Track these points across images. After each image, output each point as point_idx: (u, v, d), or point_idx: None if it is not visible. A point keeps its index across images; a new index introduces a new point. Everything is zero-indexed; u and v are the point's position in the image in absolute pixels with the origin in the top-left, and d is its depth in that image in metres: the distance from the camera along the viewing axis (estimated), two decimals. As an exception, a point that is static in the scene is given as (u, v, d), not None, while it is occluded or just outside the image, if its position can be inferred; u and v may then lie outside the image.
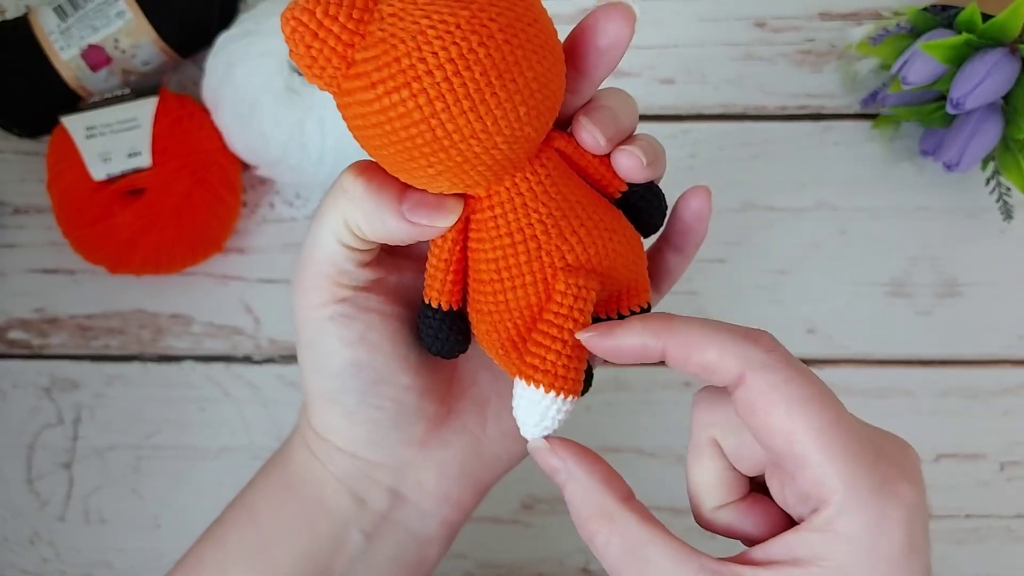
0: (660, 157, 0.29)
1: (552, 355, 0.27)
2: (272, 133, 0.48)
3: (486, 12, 0.24)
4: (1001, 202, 0.50)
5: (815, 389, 0.25)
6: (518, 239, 0.27)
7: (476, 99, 0.24)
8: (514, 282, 0.27)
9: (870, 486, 0.24)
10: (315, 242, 0.29)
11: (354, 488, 0.32)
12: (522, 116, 0.25)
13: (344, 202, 0.28)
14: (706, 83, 0.54)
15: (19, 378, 0.52)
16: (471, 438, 0.33)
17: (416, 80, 0.24)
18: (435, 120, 0.24)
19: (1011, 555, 0.49)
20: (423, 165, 0.25)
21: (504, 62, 0.24)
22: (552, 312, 0.27)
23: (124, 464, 0.51)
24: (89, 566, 0.50)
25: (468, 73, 0.24)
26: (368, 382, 0.30)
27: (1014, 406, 0.50)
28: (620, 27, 0.27)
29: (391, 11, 0.24)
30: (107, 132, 0.48)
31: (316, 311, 0.30)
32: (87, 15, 0.50)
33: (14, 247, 0.53)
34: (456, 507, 0.33)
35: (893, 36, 0.49)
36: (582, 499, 0.27)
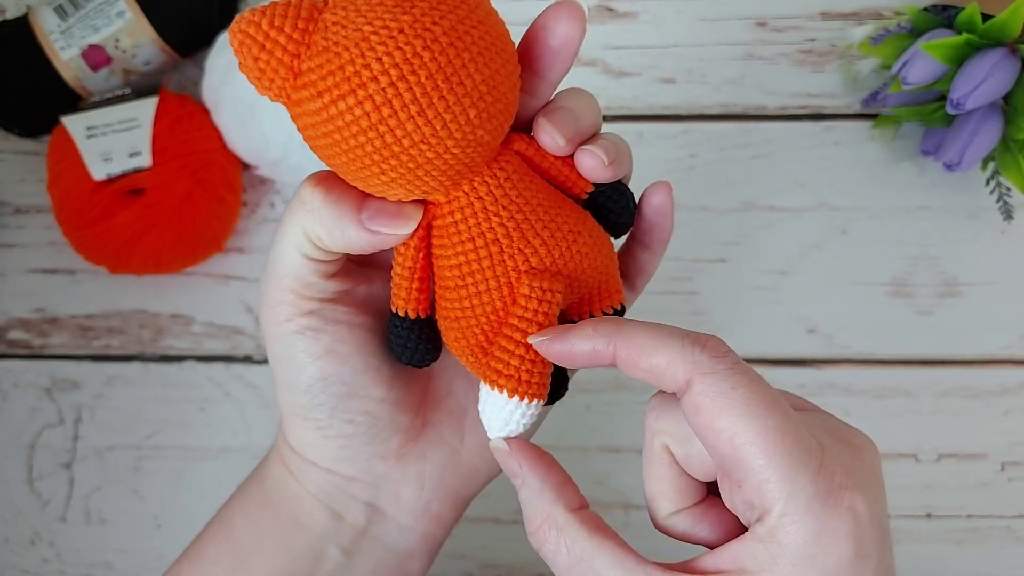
0: (624, 156, 0.29)
1: (515, 360, 0.27)
2: (272, 133, 0.48)
3: (429, 16, 0.24)
4: (1001, 202, 0.50)
5: (762, 395, 0.24)
6: (480, 244, 0.27)
7: (423, 103, 0.24)
8: (478, 287, 0.27)
9: (812, 494, 0.23)
10: (277, 256, 0.29)
11: (330, 504, 0.32)
12: (472, 119, 0.24)
13: (303, 214, 0.28)
14: (707, 83, 0.54)
15: (19, 378, 0.52)
16: (449, 450, 0.32)
17: (361, 87, 0.23)
18: (383, 127, 0.24)
19: (1012, 555, 0.49)
20: (376, 173, 0.25)
21: (450, 65, 0.24)
22: (516, 316, 0.27)
23: (124, 464, 0.51)
24: (89, 566, 0.50)
25: (413, 77, 0.23)
26: (338, 396, 0.30)
27: (1015, 406, 0.50)
28: (570, 25, 0.26)
29: (335, 19, 0.24)
30: (107, 132, 0.48)
31: (282, 326, 0.29)
32: (87, 15, 0.50)
33: (14, 247, 0.53)
34: (436, 520, 0.33)
35: (894, 36, 0.49)
36: (533, 506, 0.27)
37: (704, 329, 0.31)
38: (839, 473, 0.24)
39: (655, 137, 0.53)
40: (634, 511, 0.50)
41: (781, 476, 0.23)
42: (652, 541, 0.49)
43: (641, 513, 0.50)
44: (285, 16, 0.24)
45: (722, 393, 0.24)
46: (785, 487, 0.23)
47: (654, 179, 0.31)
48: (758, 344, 0.51)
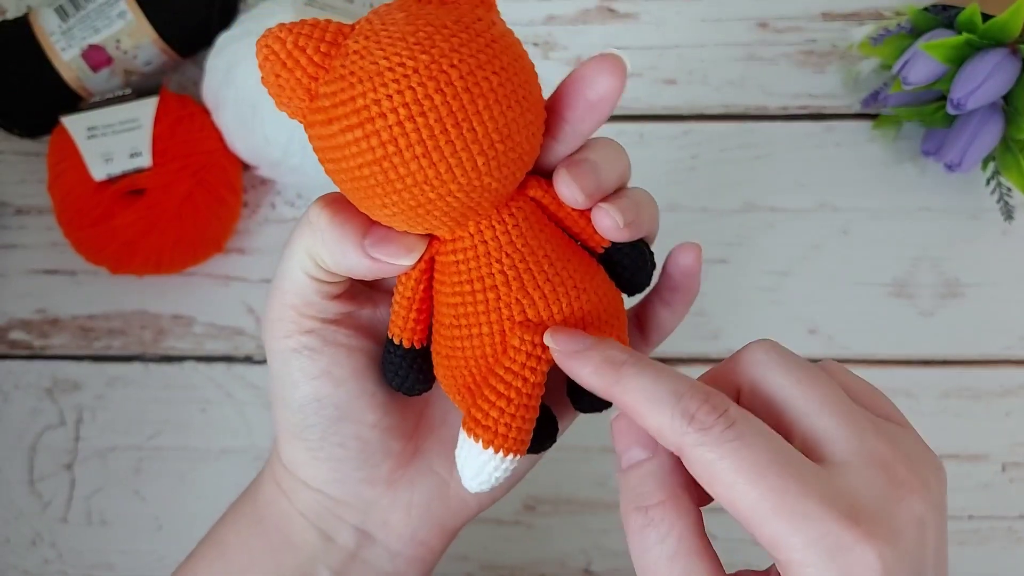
0: (646, 216, 0.28)
1: (495, 412, 0.26)
2: (273, 134, 0.48)
3: (447, 58, 0.23)
4: (1002, 202, 0.50)
5: (752, 461, 0.23)
6: (478, 287, 0.26)
7: (429, 145, 0.23)
8: (471, 330, 0.27)
9: (826, 548, 0.23)
10: (283, 272, 0.29)
11: (320, 525, 0.32)
12: (480, 166, 0.24)
13: (309, 234, 0.27)
14: (708, 84, 0.54)
15: (20, 379, 0.52)
16: (438, 480, 0.32)
17: (369, 121, 0.23)
18: (387, 163, 0.24)
19: (1013, 556, 0.49)
20: (378, 204, 0.25)
21: (462, 109, 0.23)
22: (503, 367, 0.26)
23: (126, 465, 0.51)
24: (91, 567, 0.50)
25: (422, 119, 0.23)
26: (330, 419, 0.30)
27: (1016, 407, 0.50)
28: (611, 81, 0.26)
29: (356, 48, 0.24)
30: (108, 132, 0.48)
31: (281, 341, 0.29)
32: (88, 15, 0.50)
33: (15, 248, 0.53)
34: (423, 547, 0.33)
35: (894, 36, 0.49)
36: (657, 481, 0.25)
37: (705, 329, 0.31)
38: (860, 524, 0.23)
39: (656, 138, 0.53)
40: (635, 512, 0.50)
41: (787, 533, 0.23)
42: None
43: (642, 514, 0.50)
44: (310, 37, 0.24)
45: (711, 464, 0.24)
46: (797, 541, 0.23)
47: (655, 180, 0.31)
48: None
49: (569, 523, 0.50)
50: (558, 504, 0.50)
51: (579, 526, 0.49)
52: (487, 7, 0.26)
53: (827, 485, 0.23)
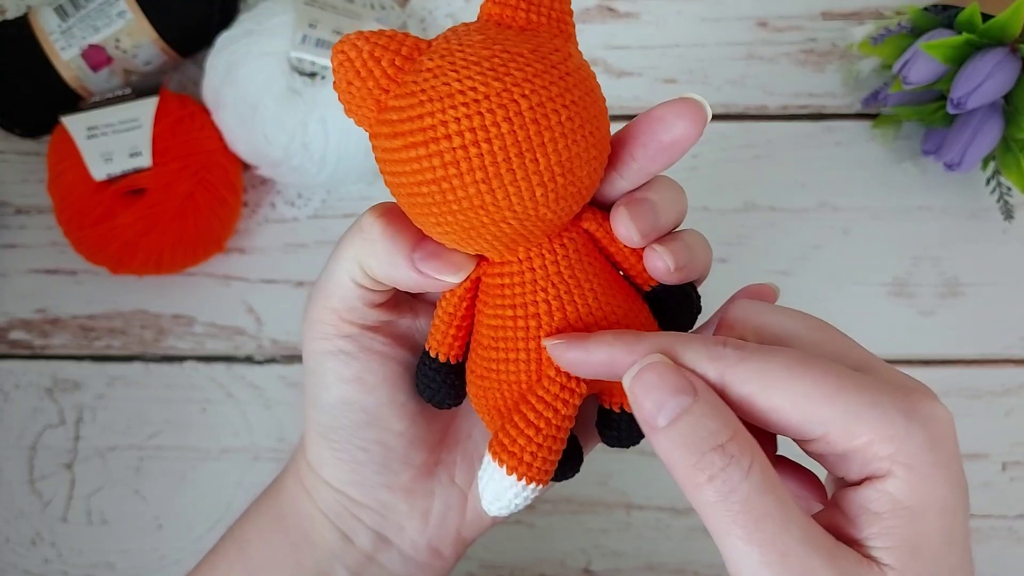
0: (699, 259, 0.28)
1: (523, 439, 0.26)
2: (274, 134, 0.48)
3: (520, 87, 0.23)
4: (1002, 202, 0.50)
5: (795, 357, 0.24)
6: (520, 313, 0.26)
7: (490, 171, 0.23)
8: (508, 354, 0.27)
9: (903, 414, 0.23)
10: (329, 275, 0.29)
11: (340, 525, 0.32)
12: (538, 197, 0.24)
13: (360, 241, 0.28)
14: (708, 83, 0.54)
15: (21, 379, 0.52)
16: (457, 492, 0.33)
17: (435, 141, 0.23)
18: (447, 184, 0.24)
19: (1013, 555, 0.49)
20: (433, 222, 0.25)
21: (527, 140, 0.23)
22: (536, 396, 0.26)
23: (126, 465, 0.51)
24: (91, 567, 0.50)
25: (486, 146, 0.23)
26: (357, 423, 0.30)
27: (1016, 406, 0.50)
28: (689, 128, 0.26)
29: (430, 66, 0.24)
30: (108, 132, 0.48)
31: (318, 343, 0.29)
32: (88, 15, 0.50)
33: (15, 248, 0.53)
34: (437, 556, 0.33)
35: (894, 36, 0.49)
36: (717, 419, 0.23)
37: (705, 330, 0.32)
38: (911, 392, 0.24)
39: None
40: (636, 511, 0.50)
41: (859, 413, 0.23)
42: (654, 542, 0.50)
43: (643, 513, 0.50)
44: (387, 49, 0.24)
45: (761, 371, 0.23)
46: (874, 414, 0.23)
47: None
48: (759, 344, 0.51)
49: (569, 522, 0.50)
50: (558, 503, 0.50)
51: (579, 525, 0.49)
52: (565, 38, 0.26)
53: (866, 375, 0.24)
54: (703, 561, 0.49)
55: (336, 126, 0.48)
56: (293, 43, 0.48)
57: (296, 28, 0.48)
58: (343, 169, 0.49)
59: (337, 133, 0.48)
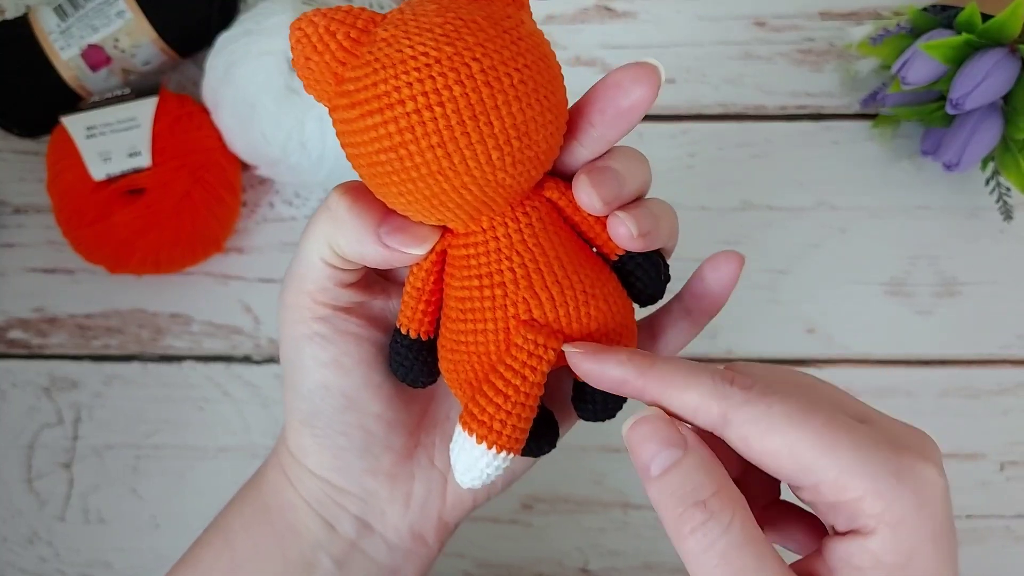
0: (664, 227, 0.28)
1: (492, 408, 0.26)
2: (272, 133, 0.48)
3: (471, 51, 0.23)
4: (1001, 202, 0.50)
5: (797, 404, 0.24)
6: (486, 283, 0.27)
7: (445, 135, 0.24)
8: (476, 325, 0.27)
9: (895, 475, 0.23)
10: (300, 258, 0.29)
11: (323, 513, 0.32)
12: (494, 160, 0.24)
13: (327, 220, 0.28)
14: (706, 82, 0.54)
15: (18, 378, 0.52)
16: (437, 475, 0.33)
17: (389, 107, 0.24)
18: (403, 150, 0.24)
19: (1011, 555, 0.49)
20: (394, 192, 0.25)
21: (480, 103, 0.23)
22: (504, 364, 0.26)
23: (123, 464, 0.51)
24: (88, 566, 0.50)
25: (439, 108, 0.23)
26: (337, 407, 0.30)
27: (1014, 406, 0.50)
28: (645, 91, 0.26)
29: (384, 36, 0.24)
30: (107, 132, 0.48)
31: (295, 327, 0.30)
32: (87, 15, 0.50)
33: (13, 247, 0.53)
34: (420, 541, 0.33)
35: (893, 36, 0.49)
36: (704, 474, 0.24)
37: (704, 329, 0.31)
38: (909, 451, 0.24)
39: (654, 136, 0.53)
40: (633, 510, 0.50)
41: (852, 468, 0.23)
42: (651, 542, 0.49)
43: (640, 512, 0.50)
44: (342, 23, 0.25)
45: (762, 416, 0.24)
46: (866, 471, 0.23)
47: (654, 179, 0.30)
48: (757, 344, 0.51)
49: (566, 522, 0.50)
50: (555, 503, 0.50)
51: (576, 525, 0.49)
52: (518, 6, 0.26)
53: (865, 428, 0.24)
54: (701, 561, 0.49)
55: (334, 125, 0.48)
56: (291, 42, 0.48)
57: (294, 27, 0.48)
58: (341, 168, 0.50)
59: (334, 132, 0.48)
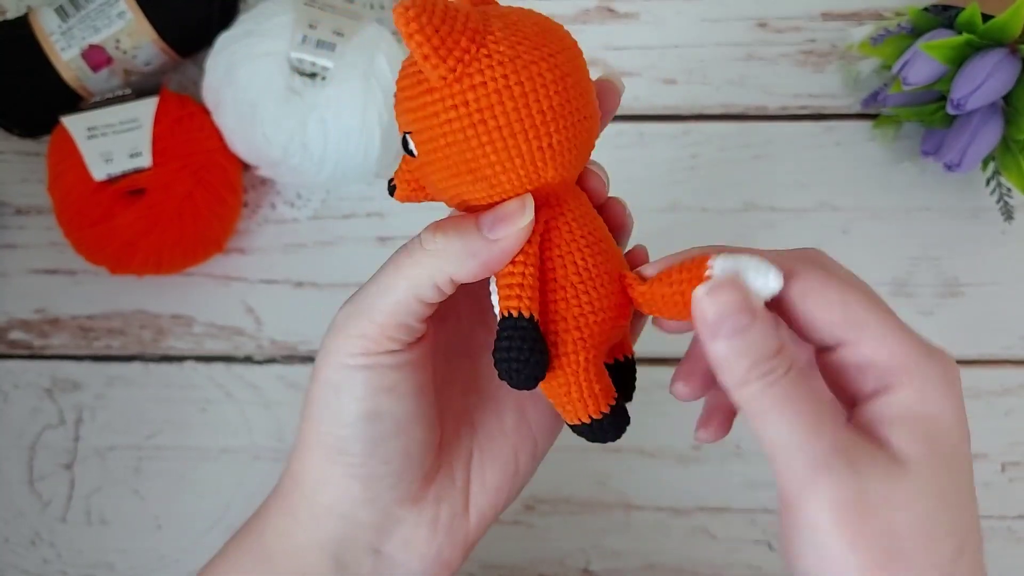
0: None
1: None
2: (273, 134, 0.48)
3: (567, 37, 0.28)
4: (1002, 203, 0.50)
5: (859, 282, 0.29)
6: (591, 240, 0.29)
7: (584, 83, 0.28)
8: (595, 282, 0.28)
9: (927, 348, 0.27)
10: (382, 293, 0.29)
11: (339, 553, 0.31)
12: (593, 131, 0.28)
13: (429, 258, 0.28)
14: (708, 83, 0.54)
15: (20, 379, 0.52)
16: (458, 493, 0.32)
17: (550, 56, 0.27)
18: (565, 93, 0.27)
19: (1013, 556, 0.49)
20: (530, 137, 0.27)
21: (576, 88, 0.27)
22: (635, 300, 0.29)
23: (125, 465, 0.51)
24: (90, 567, 0.50)
25: (575, 61, 0.28)
26: (384, 433, 0.30)
27: (1015, 406, 0.50)
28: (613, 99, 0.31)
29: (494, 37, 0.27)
30: (108, 132, 0.48)
31: (354, 358, 0.29)
32: (88, 15, 0.50)
33: (15, 248, 0.53)
34: (444, 566, 0.32)
35: (894, 36, 0.49)
36: (769, 336, 0.27)
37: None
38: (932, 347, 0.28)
39: (656, 137, 0.53)
40: (635, 511, 0.50)
41: (896, 330, 0.27)
42: (653, 542, 0.50)
43: (642, 513, 0.50)
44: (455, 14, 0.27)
45: (824, 276, 0.28)
46: (904, 336, 0.27)
47: (655, 180, 0.31)
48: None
49: (568, 523, 0.50)
50: (557, 504, 0.50)
51: (578, 526, 0.49)
52: None
53: None
54: (702, 561, 0.49)
55: (335, 126, 0.48)
56: (293, 43, 0.48)
57: (296, 28, 0.48)
58: (342, 169, 0.50)
59: (336, 133, 0.48)
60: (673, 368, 0.32)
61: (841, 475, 0.25)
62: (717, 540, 0.49)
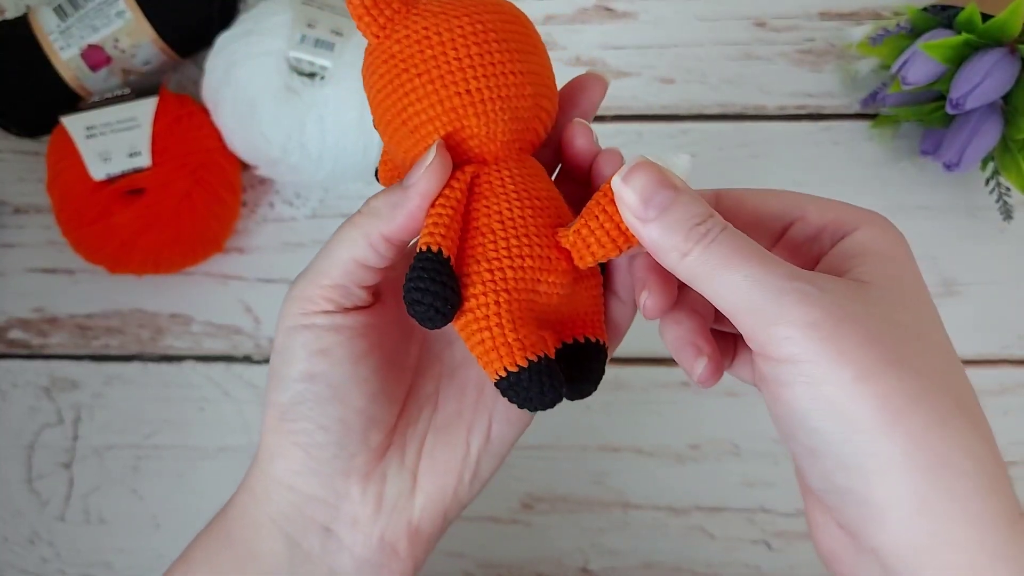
0: None
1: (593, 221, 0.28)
2: (272, 133, 0.48)
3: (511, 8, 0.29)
4: (1001, 202, 0.50)
5: None
6: (524, 196, 0.29)
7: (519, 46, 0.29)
8: (518, 231, 0.29)
9: (863, 211, 0.30)
10: (325, 258, 0.30)
11: (289, 529, 0.32)
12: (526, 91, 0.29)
13: (362, 218, 0.29)
14: (705, 83, 0.54)
15: (19, 378, 0.52)
16: (408, 475, 0.32)
17: (476, 14, 0.28)
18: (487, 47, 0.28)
19: (1011, 555, 0.49)
20: (447, 83, 0.28)
21: (502, 44, 0.28)
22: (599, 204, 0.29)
23: (124, 464, 0.51)
24: (89, 566, 0.50)
25: (513, 25, 0.29)
26: (320, 397, 0.30)
27: (1013, 405, 0.50)
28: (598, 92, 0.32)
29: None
30: (107, 132, 0.48)
31: (295, 317, 0.30)
32: (87, 15, 0.50)
33: (14, 247, 0.53)
34: (391, 552, 0.32)
35: (893, 36, 0.49)
36: (696, 203, 0.27)
37: (702, 328, 0.31)
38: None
39: (654, 137, 0.53)
40: (633, 510, 0.50)
41: (834, 204, 0.30)
42: (651, 541, 0.50)
43: (640, 512, 0.50)
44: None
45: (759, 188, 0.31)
46: (844, 206, 0.30)
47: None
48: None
49: (566, 522, 0.50)
50: (555, 503, 0.50)
51: (576, 525, 0.49)
52: None
53: None
54: (700, 560, 0.49)
55: (334, 125, 0.48)
56: (291, 43, 0.48)
57: (294, 28, 0.48)
58: (341, 168, 0.50)
59: (335, 132, 0.48)
60: (672, 368, 0.32)
61: (807, 294, 0.25)
62: (715, 539, 0.49)
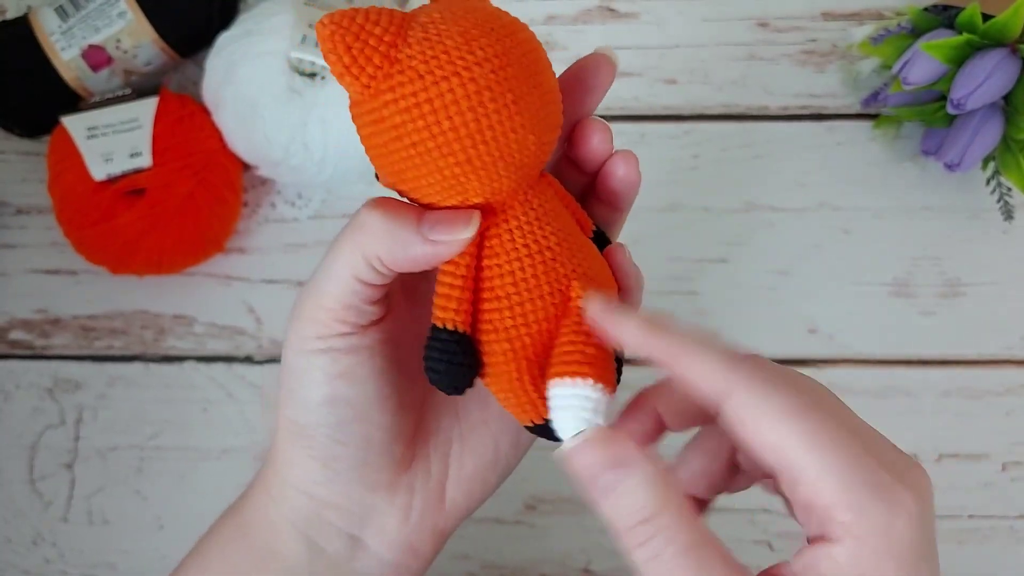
0: None
1: (591, 348, 0.27)
2: (274, 134, 0.48)
3: (505, 42, 0.27)
4: (1002, 202, 0.50)
5: (806, 400, 0.25)
6: (535, 250, 0.28)
7: (516, 98, 0.26)
8: (531, 293, 0.28)
9: (871, 489, 0.24)
10: (326, 274, 0.29)
11: (309, 532, 0.31)
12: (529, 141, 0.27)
13: (362, 235, 0.28)
14: (709, 83, 0.54)
15: (21, 379, 0.52)
16: (435, 484, 0.32)
17: (466, 70, 0.25)
18: (481, 109, 0.26)
19: (1014, 555, 0.49)
20: (445, 154, 0.26)
21: (498, 102, 0.26)
22: (571, 318, 0.28)
23: (127, 465, 0.51)
24: (92, 567, 0.50)
25: (474, 85, 0.26)
26: (343, 419, 0.30)
27: (1016, 406, 0.50)
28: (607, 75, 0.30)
29: (421, 35, 0.26)
30: (108, 132, 0.48)
31: (310, 342, 0.29)
32: (88, 15, 0.50)
33: (16, 248, 0.53)
34: (414, 555, 0.33)
35: (894, 36, 0.49)
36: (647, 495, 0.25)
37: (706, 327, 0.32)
38: (893, 473, 0.24)
39: (657, 137, 0.53)
40: (636, 511, 0.50)
41: (834, 470, 0.24)
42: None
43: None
44: (379, 14, 0.26)
45: (762, 400, 0.25)
46: (841, 485, 0.24)
47: (656, 180, 0.31)
48: (759, 344, 0.51)
49: (569, 523, 0.50)
50: (558, 504, 0.50)
51: (579, 526, 0.49)
52: None
53: (857, 440, 0.24)
54: (703, 561, 0.49)
55: (336, 126, 0.48)
56: (293, 43, 0.48)
57: (296, 28, 0.48)
58: (343, 169, 0.50)
59: (337, 133, 0.48)
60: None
61: None
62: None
